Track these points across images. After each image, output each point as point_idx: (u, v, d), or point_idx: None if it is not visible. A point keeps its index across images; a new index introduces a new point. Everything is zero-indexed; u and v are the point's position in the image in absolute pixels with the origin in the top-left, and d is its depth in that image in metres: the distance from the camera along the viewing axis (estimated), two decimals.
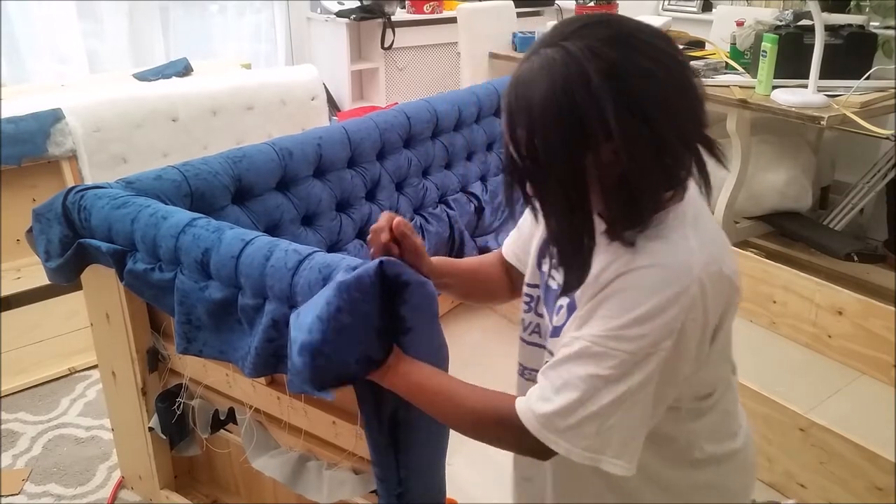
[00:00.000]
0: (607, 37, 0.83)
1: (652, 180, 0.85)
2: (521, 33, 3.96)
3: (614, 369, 0.85)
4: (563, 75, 0.82)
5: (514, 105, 0.86)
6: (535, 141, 0.84)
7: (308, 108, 3.21)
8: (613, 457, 0.87)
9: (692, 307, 0.84)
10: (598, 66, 0.81)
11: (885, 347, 2.32)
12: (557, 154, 0.84)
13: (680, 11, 4.29)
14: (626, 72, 0.81)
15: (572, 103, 0.81)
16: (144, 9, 4.04)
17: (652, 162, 0.83)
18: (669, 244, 0.87)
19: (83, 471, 2.03)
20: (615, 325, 0.85)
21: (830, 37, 2.72)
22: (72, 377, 2.44)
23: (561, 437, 0.88)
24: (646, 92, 0.82)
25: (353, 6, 4.53)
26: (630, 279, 0.86)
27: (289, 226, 2.01)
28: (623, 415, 0.86)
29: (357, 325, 1.06)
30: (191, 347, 1.43)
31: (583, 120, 0.81)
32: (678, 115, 0.85)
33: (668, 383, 0.88)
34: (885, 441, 1.79)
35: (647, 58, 0.83)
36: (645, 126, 0.81)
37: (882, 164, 3.12)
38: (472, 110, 2.69)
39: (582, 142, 0.82)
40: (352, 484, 1.38)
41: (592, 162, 0.83)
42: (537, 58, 0.85)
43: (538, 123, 0.84)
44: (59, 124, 2.47)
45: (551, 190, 0.87)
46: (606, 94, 0.80)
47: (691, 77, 0.88)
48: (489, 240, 2.77)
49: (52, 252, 1.61)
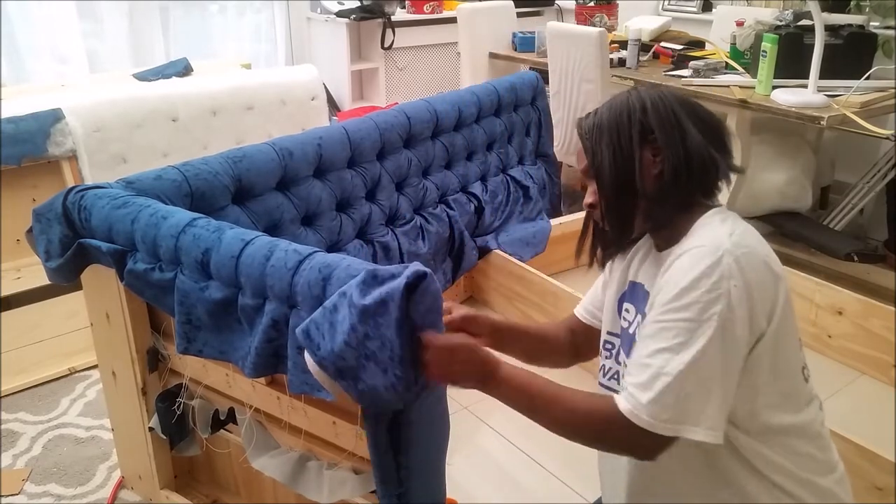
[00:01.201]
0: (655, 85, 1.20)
1: (682, 172, 1.08)
2: (521, 33, 3.96)
3: (676, 338, 0.98)
4: (622, 99, 1.14)
5: (586, 119, 1.17)
6: (601, 136, 1.12)
7: (308, 108, 3.21)
8: (693, 425, 0.97)
9: (731, 275, 0.97)
10: (650, 94, 1.13)
11: (885, 347, 2.32)
12: (613, 144, 1.11)
13: (680, 11, 4.29)
14: (667, 98, 1.12)
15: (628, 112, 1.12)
16: (144, 9, 4.04)
17: (683, 159, 1.08)
18: (701, 234, 1.05)
19: (83, 471, 2.03)
20: (667, 301, 1.00)
21: (830, 37, 2.72)
22: (72, 377, 2.44)
23: (644, 412, 0.98)
24: (679, 103, 1.11)
25: (353, 6, 4.53)
26: (673, 267, 1.03)
27: (289, 226, 2.01)
28: (696, 381, 0.97)
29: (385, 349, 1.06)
30: (191, 347, 1.43)
31: (633, 123, 1.10)
32: (705, 126, 1.11)
33: (732, 350, 0.98)
34: (885, 441, 1.79)
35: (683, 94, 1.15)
36: (678, 133, 1.09)
37: (882, 164, 3.12)
38: (472, 110, 2.69)
39: (630, 140, 1.10)
40: (352, 484, 1.38)
41: (639, 156, 1.09)
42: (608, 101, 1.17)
43: (602, 123, 1.13)
44: (59, 124, 2.47)
45: (609, 173, 1.12)
46: (652, 111, 1.10)
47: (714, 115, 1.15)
48: (489, 240, 2.77)
49: (52, 252, 1.61)
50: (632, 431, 0.99)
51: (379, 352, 1.05)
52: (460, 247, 2.63)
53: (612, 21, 4.02)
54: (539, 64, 3.67)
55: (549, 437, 1.10)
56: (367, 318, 1.05)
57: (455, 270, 2.65)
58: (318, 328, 1.11)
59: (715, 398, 0.97)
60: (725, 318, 0.96)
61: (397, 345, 1.04)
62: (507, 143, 2.93)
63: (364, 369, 1.06)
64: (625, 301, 1.20)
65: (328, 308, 1.11)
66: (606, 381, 1.23)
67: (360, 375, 1.06)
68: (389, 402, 1.07)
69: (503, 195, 2.86)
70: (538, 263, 2.73)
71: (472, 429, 2.14)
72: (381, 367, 1.05)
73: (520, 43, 3.95)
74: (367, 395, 1.08)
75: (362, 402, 1.10)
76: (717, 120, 1.13)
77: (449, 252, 2.62)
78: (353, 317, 1.06)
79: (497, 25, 4.04)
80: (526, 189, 2.96)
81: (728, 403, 1.00)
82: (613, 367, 1.22)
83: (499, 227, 2.85)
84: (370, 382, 1.06)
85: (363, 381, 1.06)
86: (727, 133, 1.14)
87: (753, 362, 1.02)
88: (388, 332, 1.04)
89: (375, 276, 1.08)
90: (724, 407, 0.99)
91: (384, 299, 1.05)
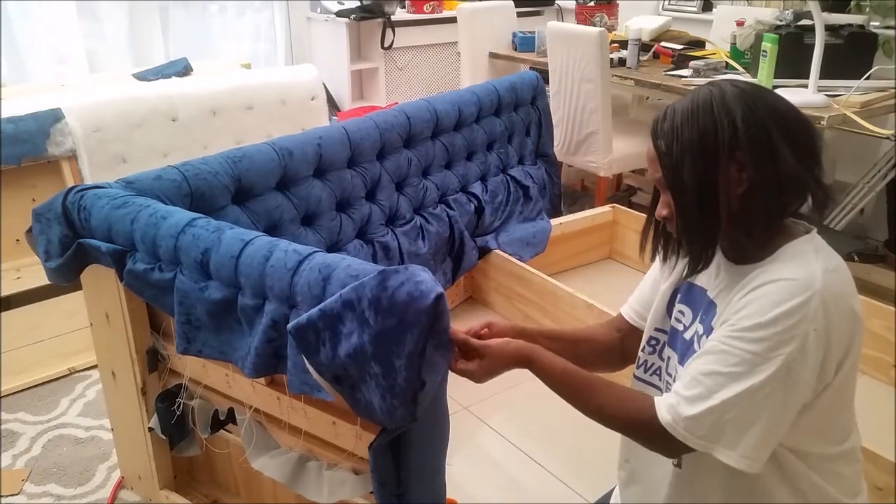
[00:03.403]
0: (744, 80, 1.05)
1: (770, 193, 0.99)
2: (521, 33, 3.96)
3: (736, 367, 0.95)
4: (706, 107, 1.00)
5: (662, 123, 1.04)
6: (683, 150, 1.01)
7: (308, 108, 3.21)
8: (726, 447, 0.96)
9: (814, 319, 0.93)
10: (735, 90, 1.01)
11: (885, 347, 2.32)
12: (695, 157, 1.00)
13: (680, 11, 4.29)
14: (757, 99, 1.00)
15: (710, 116, 1.00)
16: (144, 9, 4.04)
17: (773, 177, 0.99)
18: (793, 264, 0.98)
19: (83, 471, 2.03)
20: (740, 328, 0.96)
21: (831, 37, 2.72)
22: (72, 377, 2.44)
23: (682, 425, 0.98)
24: (772, 117, 1.00)
25: (353, 6, 4.53)
26: (756, 293, 0.97)
27: (289, 226, 2.01)
28: (741, 412, 0.95)
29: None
30: (191, 347, 1.43)
31: (717, 133, 0.99)
32: (799, 144, 1.00)
33: (793, 391, 0.95)
34: (885, 441, 1.79)
35: (773, 96, 1.04)
36: (769, 144, 0.98)
37: (882, 164, 3.12)
38: (472, 110, 2.69)
39: (715, 149, 0.99)
40: (352, 484, 1.38)
41: (724, 172, 0.99)
42: (689, 94, 1.04)
43: (681, 130, 1.01)
44: (59, 124, 2.46)
45: (687, 187, 1.01)
46: (742, 127, 0.98)
47: (808, 120, 1.04)
48: (489, 240, 2.77)
49: (51, 252, 1.61)
50: (665, 437, 1.00)
51: (382, 377, 1.05)
52: (460, 247, 2.63)
53: (613, 21, 4.02)
54: (539, 64, 3.67)
55: (550, 437, 1.11)
56: (381, 342, 1.05)
57: (455, 270, 2.65)
58: (316, 333, 1.11)
59: (757, 430, 0.95)
60: (793, 360, 0.93)
61: (403, 377, 1.03)
62: (507, 142, 2.93)
63: (365, 384, 1.06)
64: (678, 301, 1.16)
65: (330, 314, 1.10)
66: (647, 375, 1.21)
67: (360, 387, 1.06)
68: (383, 422, 1.07)
69: (503, 195, 2.86)
70: (538, 263, 2.72)
71: (472, 429, 2.14)
72: (380, 393, 1.05)
73: (520, 43, 3.95)
74: (363, 408, 1.08)
75: (358, 412, 1.09)
76: (812, 130, 1.03)
77: (449, 252, 2.62)
78: (365, 336, 1.06)
79: (497, 25, 4.04)
80: (526, 189, 2.96)
81: (776, 440, 0.98)
82: (656, 363, 1.20)
83: (499, 227, 2.85)
84: (368, 398, 1.06)
85: (362, 394, 1.06)
86: (822, 148, 1.04)
87: (823, 402, 1.00)
88: (398, 363, 1.04)
89: (393, 298, 1.05)
90: (769, 441, 0.97)
91: (403, 329, 1.04)
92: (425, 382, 1.07)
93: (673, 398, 1.01)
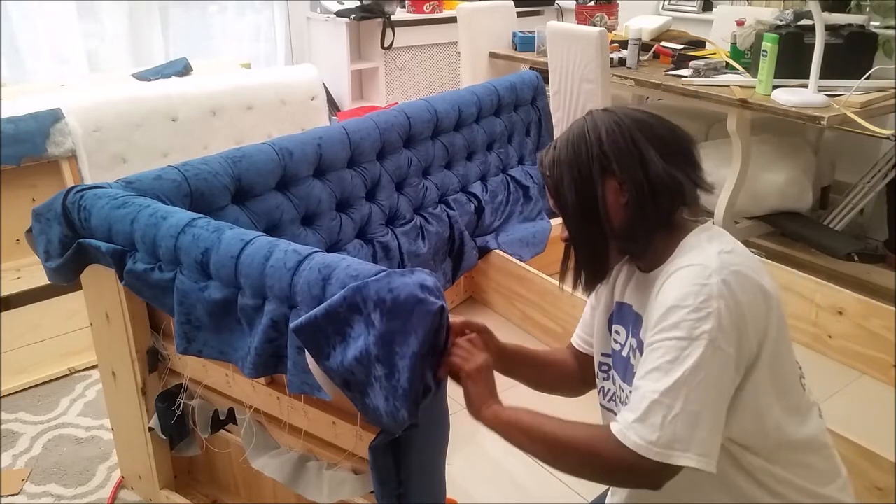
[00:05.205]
0: (615, 109, 1.10)
1: (648, 198, 1.05)
2: (521, 33, 3.96)
3: (664, 357, 0.96)
4: (578, 128, 1.10)
5: (546, 153, 1.13)
6: (562, 174, 1.09)
7: (308, 108, 3.21)
8: (683, 451, 0.94)
9: (720, 294, 0.95)
10: (604, 118, 1.08)
11: (885, 347, 2.32)
12: (575, 180, 1.08)
13: (680, 11, 4.29)
14: (623, 121, 1.07)
15: (583, 143, 1.08)
16: (144, 9, 4.04)
17: (647, 184, 1.04)
18: (690, 254, 1.03)
19: (83, 471, 2.03)
20: (656, 321, 0.98)
21: (831, 37, 2.72)
22: (72, 377, 2.44)
23: (633, 432, 0.95)
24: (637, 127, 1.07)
25: (353, 6, 4.53)
26: (663, 288, 1.01)
27: (289, 226, 2.01)
28: (684, 401, 0.94)
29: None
30: (191, 347, 1.43)
31: (588, 151, 1.07)
32: (667, 151, 1.06)
33: (723, 371, 0.95)
34: (885, 441, 1.79)
35: (642, 112, 1.10)
36: (636, 155, 1.05)
37: (882, 164, 3.12)
38: (472, 110, 2.69)
39: (590, 175, 1.07)
40: (352, 484, 1.38)
41: (601, 190, 1.06)
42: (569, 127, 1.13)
43: (560, 159, 1.09)
44: (59, 124, 2.46)
45: (574, 211, 1.09)
46: (608, 140, 1.06)
47: (675, 126, 1.10)
48: (489, 240, 2.77)
49: (52, 252, 1.61)
50: (625, 456, 0.96)
51: (385, 378, 1.05)
52: (460, 247, 2.63)
53: (613, 21, 4.02)
54: (539, 64, 3.67)
55: None
56: (385, 343, 1.05)
57: (455, 270, 2.65)
58: (326, 337, 1.11)
59: (705, 421, 0.94)
60: (715, 337, 0.94)
61: (405, 378, 1.03)
62: (507, 142, 2.93)
63: (371, 387, 1.06)
64: (613, 322, 1.18)
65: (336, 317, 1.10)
66: (606, 402, 1.21)
67: (368, 392, 1.06)
68: (389, 427, 1.06)
69: (503, 195, 2.86)
70: (538, 263, 2.72)
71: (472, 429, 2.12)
72: (384, 394, 1.05)
73: (520, 43, 3.94)
74: (370, 412, 1.08)
75: (366, 417, 1.09)
76: (681, 135, 1.09)
77: (449, 252, 2.62)
78: (370, 338, 1.06)
79: (497, 25, 4.04)
80: (526, 189, 2.96)
81: (720, 428, 0.97)
82: (611, 389, 1.20)
83: (499, 227, 2.85)
84: (375, 402, 1.06)
85: (370, 398, 1.06)
86: (694, 148, 1.09)
87: (754, 384, 1.00)
88: (401, 363, 1.04)
89: (398, 300, 1.05)
90: (716, 431, 0.96)
91: (407, 330, 1.04)
92: (428, 386, 1.08)
93: (621, 414, 0.99)
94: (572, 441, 1.02)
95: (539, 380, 1.32)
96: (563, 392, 1.33)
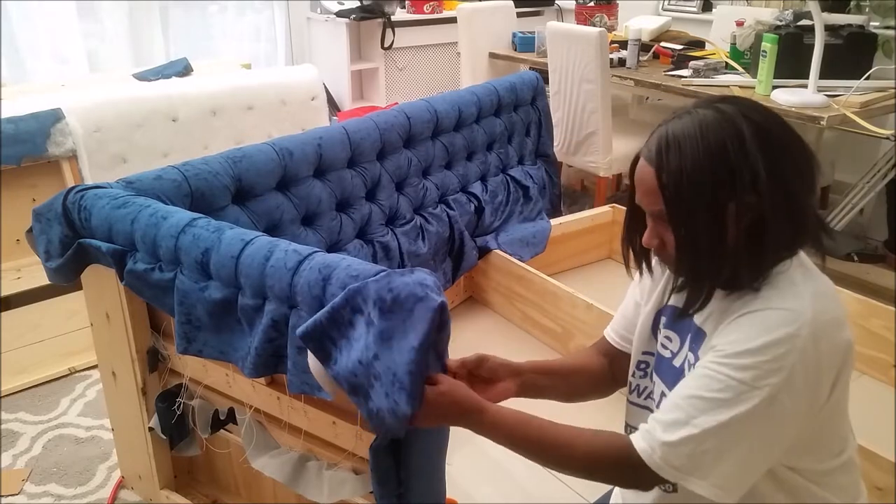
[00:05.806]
0: (752, 105, 0.97)
1: (781, 231, 0.94)
2: (521, 33, 3.96)
3: (719, 393, 0.91)
4: (717, 131, 0.93)
5: (667, 155, 0.96)
6: (685, 184, 0.94)
7: (308, 108, 3.21)
8: (700, 478, 0.92)
9: (803, 350, 0.90)
10: (750, 126, 0.93)
11: (885, 347, 2.32)
12: (705, 197, 0.93)
13: (680, 11, 4.29)
14: (771, 134, 0.94)
15: (725, 156, 0.92)
16: (144, 9, 4.04)
17: (784, 214, 0.94)
18: (783, 292, 0.95)
19: (83, 471, 2.03)
20: (726, 353, 0.92)
21: (830, 37, 2.72)
22: (72, 377, 2.44)
23: (657, 452, 0.94)
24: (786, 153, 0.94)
25: (353, 6, 4.53)
26: (745, 319, 0.94)
27: (289, 226, 2.01)
28: (720, 442, 0.91)
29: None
30: (191, 347, 1.43)
31: (734, 170, 0.92)
32: (806, 180, 0.96)
33: (778, 422, 0.92)
34: (885, 441, 1.79)
35: (782, 127, 0.97)
36: (783, 182, 0.93)
37: (882, 164, 3.12)
38: (472, 110, 2.69)
39: (728, 188, 0.93)
40: (352, 484, 1.38)
41: (733, 209, 0.93)
42: (690, 116, 0.96)
43: (691, 169, 0.93)
44: (59, 124, 2.46)
45: (693, 227, 0.95)
46: (757, 152, 0.92)
47: (812, 153, 0.98)
48: (489, 240, 2.77)
49: (52, 252, 1.61)
50: (640, 466, 0.95)
51: (384, 374, 1.05)
52: (460, 247, 2.63)
53: (612, 21, 4.02)
54: (539, 64, 3.67)
55: None
56: (383, 340, 1.05)
57: (455, 270, 2.65)
58: (333, 342, 1.11)
59: (735, 460, 0.92)
60: (778, 392, 0.90)
61: (403, 371, 1.03)
62: (507, 143, 2.93)
63: (373, 388, 1.06)
64: (662, 325, 1.12)
65: (340, 320, 1.10)
66: (641, 399, 1.17)
67: (371, 395, 1.06)
68: (393, 428, 1.07)
69: (503, 195, 2.86)
70: (538, 263, 2.73)
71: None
72: (384, 390, 1.05)
73: (520, 43, 3.95)
74: (374, 416, 1.08)
75: (371, 422, 1.09)
76: (817, 166, 0.98)
77: (449, 252, 2.62)
78: (370, 337, 1.06)
79: (497, 25, 4.04)
80: (526, 189, 2.97)
81: (754, 472, 0.94)
82: (648, 386, 1.15)
83: (499, 227, 2.85)
84: (377, 404, 1.06)
85: (373, 401, 1.06)
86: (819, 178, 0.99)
87: (815, 425, 0.97)
88: (399, 358, 1.04)
89: (398, 299, 1.05)
90: (748, 472, 0.93)
91: (406, 328, 1.04)
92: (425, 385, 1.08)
93: (650, 423, 0.97)
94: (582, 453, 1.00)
95: (568, 391, 1.25)
96: (594, 396, 1.27)
